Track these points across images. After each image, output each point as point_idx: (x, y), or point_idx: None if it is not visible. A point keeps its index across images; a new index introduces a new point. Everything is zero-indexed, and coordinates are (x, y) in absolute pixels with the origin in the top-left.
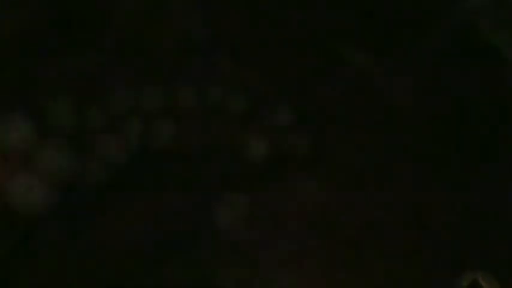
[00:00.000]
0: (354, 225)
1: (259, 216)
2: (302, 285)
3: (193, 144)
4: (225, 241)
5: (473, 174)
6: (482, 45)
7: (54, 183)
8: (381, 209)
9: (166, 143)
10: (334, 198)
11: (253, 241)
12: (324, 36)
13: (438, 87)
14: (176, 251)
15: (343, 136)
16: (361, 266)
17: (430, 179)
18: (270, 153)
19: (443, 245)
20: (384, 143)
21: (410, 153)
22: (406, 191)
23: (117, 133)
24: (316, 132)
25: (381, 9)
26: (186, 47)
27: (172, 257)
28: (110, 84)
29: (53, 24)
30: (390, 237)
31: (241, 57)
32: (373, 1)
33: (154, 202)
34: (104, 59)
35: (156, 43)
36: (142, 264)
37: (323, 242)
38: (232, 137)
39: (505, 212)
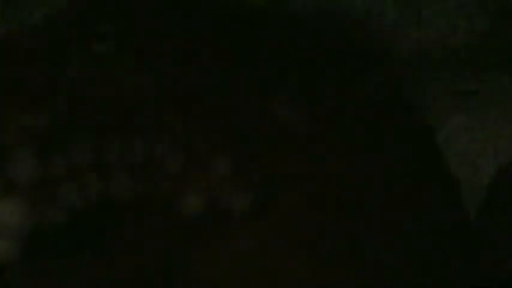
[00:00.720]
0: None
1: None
2: None
3: (134, 199)
4: None
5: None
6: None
7: (15, 235)
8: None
9: (116, 195)
10: (276, 257)
11: None
12: (255, 87)
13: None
14: None
15: (284, 189)
16: None
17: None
18: (206, 208)
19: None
20: (326, 188)
21: (352, 202)
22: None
23: (77, 183)
24: (257, 186)
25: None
26: (136, 102)
27: None
28: (69, 138)
29: (9, 84)
30: None
31: (184, 111)
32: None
33: (106, 256)
34: (62, 113)
35: (106, 99)
36: None
37: None
38: (169, 193)
39: None
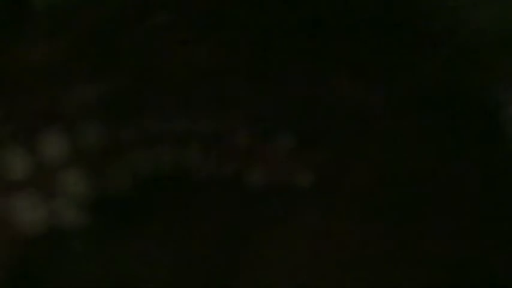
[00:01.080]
0: (362, 262)
1: (262, 254)
2: None
3: (200, 171)
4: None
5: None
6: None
7: (83, 203)
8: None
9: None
10: (341, 231)
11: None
12: (319, 63)
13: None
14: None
15: (346, 164)
16: None
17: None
18: (271, 183)
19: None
20: (387, 169)
21: (414, 183)
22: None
23: (145, 152)
24: (319, 160)
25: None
26: (197, 75)
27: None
28: (136, 108)
29: (80, 54)
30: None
31: (248, 84)
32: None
33: (174, 224)
34: (129, 84)
35: (168, 71)
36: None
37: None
38: (233, 166)
39: None
